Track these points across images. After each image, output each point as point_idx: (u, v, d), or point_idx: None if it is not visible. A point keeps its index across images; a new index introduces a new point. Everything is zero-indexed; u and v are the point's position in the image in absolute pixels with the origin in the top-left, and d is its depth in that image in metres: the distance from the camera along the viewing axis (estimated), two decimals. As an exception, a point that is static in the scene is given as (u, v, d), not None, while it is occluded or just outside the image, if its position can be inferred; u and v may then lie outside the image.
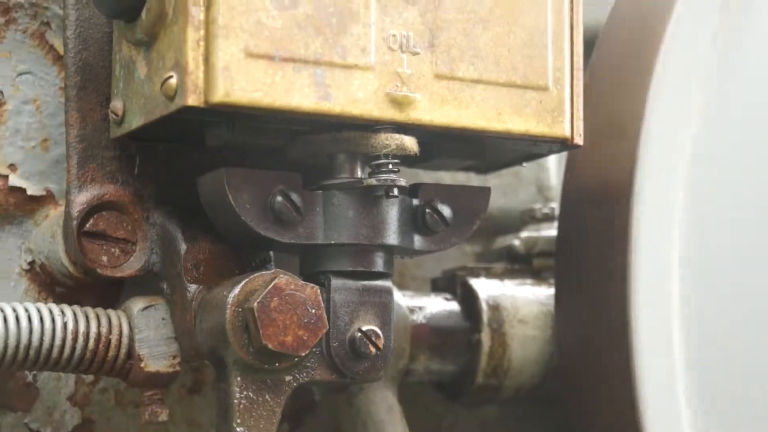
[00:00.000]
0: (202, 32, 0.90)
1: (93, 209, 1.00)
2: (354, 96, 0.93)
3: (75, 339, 0.96)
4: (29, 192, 1.05)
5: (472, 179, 1.14)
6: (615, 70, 1.10)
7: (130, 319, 1.00)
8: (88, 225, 1.00)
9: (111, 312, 0.99)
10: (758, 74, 1.09)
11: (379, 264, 1.00)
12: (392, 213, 1.00)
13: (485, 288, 1.16)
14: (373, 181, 0.97)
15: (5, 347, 0.93)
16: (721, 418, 1.07)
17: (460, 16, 0.97)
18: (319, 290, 0.94)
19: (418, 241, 1.02)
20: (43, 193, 1.05)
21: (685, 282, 1.05)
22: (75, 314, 0.97)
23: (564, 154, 1.10)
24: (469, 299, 1.16)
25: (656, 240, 1.04)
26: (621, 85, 1.08)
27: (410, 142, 0.97)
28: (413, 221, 1.01)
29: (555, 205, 1.24)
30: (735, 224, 1.08)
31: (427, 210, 1.01)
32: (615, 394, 1.05)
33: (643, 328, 1.03)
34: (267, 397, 0.96)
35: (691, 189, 1.06)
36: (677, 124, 1.05)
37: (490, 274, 1.19)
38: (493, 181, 1.13)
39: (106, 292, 1.03)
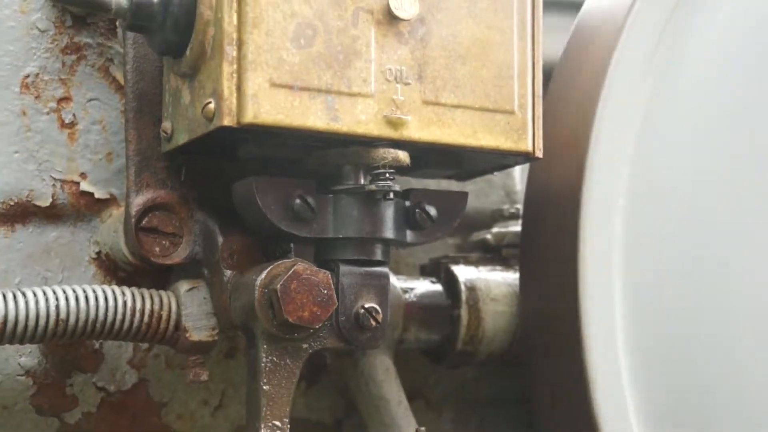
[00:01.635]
0: (234, 66, 0.90)
1: (147, 209, 1.00)
2: (358, 118, 0.93)
3: (133, 314, 0.96)
4: (96, 195, 1.04)
5: (453, 185, 1.14)
6: (568, 97, 1.09)
7: (178, 298, 1.00)
8: (143, 222, 1.00)
9: (162, 292, 0.99)
10: (686, 98, 1.08)
11: (378, 254, 1.00)
12: (389, 212, 0.99)
13: (463, 273, 1.16)
14: (373, 187, 0.97)
15: (77, 321, 0.93)
16: (653, 364, 1.06)
17: (442, 53, 0.96)
18: (329, 275, 0.94)
19: (409, 235, 1.01)
20: (108, 196, 1.05)
21: (624, 266, 1.04)
22: (133, 294, 0.97)
23: (527, 165, 1.09)
24: (450, 282, 1.16)
25: (600, 234, 1.04)
26: (573, 110, 1.08)
27: (403, 156, 0.97)
28: (406, 219, 1.01)
29: (519, 206, 1.24)
30: (665, 221, 1.07)
31: (417, 210, 1.01)
32: (566, 355, 1.05)
33: (589, 303, 1.02)
34: (288, 360, 0.96)
35: (630, 193, 1.05)
36: (617, 142, 1.05)
37: (467, 261, 1.19)
38: (469, 186, 1.14)
39: (159, 277, 1.03)
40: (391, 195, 0.97)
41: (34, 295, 0.93)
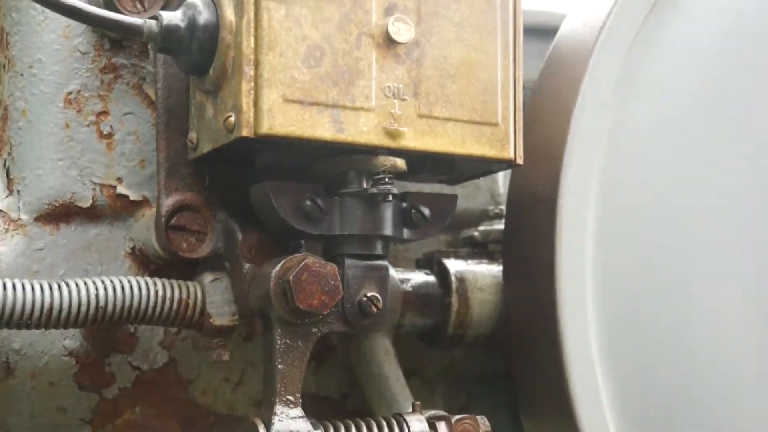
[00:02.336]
0: (252, 84, 0.90)
1: (176, 210, 1.01)
2: (360, 129, 0.93)
3: (163, 302, 0.97)
4: (131, 198, 1.05)
5: (445, 189, 1.13)
6: (545, 111, 1.09)
7: (203, 288, 1.00)
8: (172, 221, 1.00)
9: (189, 283, 1.00)
10: (648, 116, 1.08)
11: (379, 249, 1.00)
12: (388, 213, 0.99)
13: (454, 265, 1.16)
14: (374, 191, 0.97)
15: (114, 308, 0.94)
16: (620, 338, 1.06)
17: (435, 72, 0.96)
18: (336, 267, 0.94)
19: (406, 232, 1.02)
20: (141, 198, 1.05)
21: (593, 259, 1.04)
22: (163, 284, 0.98)
23: (509, 171, 1.09)
24: (442, 273, 1.16)
25: (574, 231, 1.04)
26: (550, 123, 1.08)
27: (401, 163, 0.97)
28: (403, 218, 1.01)
29: (503, 207, 1.24)
30: (634, 221, 1.07)
31: (412, 211, 1.01)
32: (544, 336, 1.05)
33: (564, 291, 1.03)
34: (299, 343, 0.96)
35: (600, 197, 1.05)
36: (589, 153, 1.05)
37: (457, 255, 1.19)
38: (459, 190, 1.13)
39: (186, 269, 1.03)
40: (390, 197, 0.98)
41: (77, 285, 0.93)
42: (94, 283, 0.94)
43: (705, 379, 1.07)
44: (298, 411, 0.95)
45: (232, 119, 0.91)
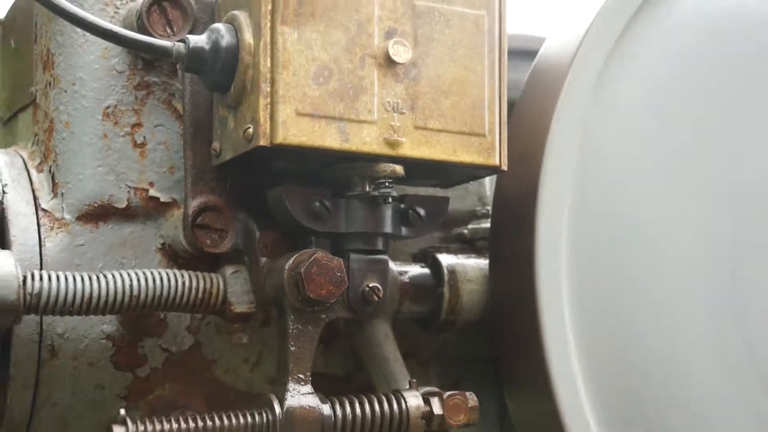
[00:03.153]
0: (268, 100, 0.90)
1: (201, 210, 1.01)
2: (364, 140, 0.94)
3: (189, 292, 0.97)
4: (161, 200, 1.04)
5: (438, 192, 1.12)
6: (527, 124, 1.09)
7: (224, 279, 1.00)
8: (198, 220, 1.00)
9: (212, 275, 1.00)
10: (615, 129, 1.08)
11: (380, 245, 1.00)
12: (388, 213, 1.00)
13: (446, 259, 1.14)
14: (376, 193, 0.98)
15: (146, 296, 0.94)
16: (590, 317, 1.05)
17: (430, 89, 0.97)
18: (342, 261, 0.94)
19: (404, 230, 1.02)
20: (170, 200, 1.05)
21: (568, 254, 1.04)
22: (190, 276, 0.98)
23: (495, 176, 1.10)
24: (436, 266, 1.15)
25: (550, 230, 1.03)
26: (530, 134, 1.07)
27: (399, 169, 0.98)
28: (401, 218, 1.02)
29: (489, 208, 1.23)
30: (604, 220, 1.06)
31: (409, 211, 1.02)
32: (524, 321, 1.04)
33: (542, 280, 1.02)
34: (309, 327, 0.96)
35: (572, 198, 1.05)
36: (564, 160, 1.04)
37: (449, 251, 1.18)
38: (450, 192, 1.11)
39: (210, 262, 1.03)
40: (390, 199, 0.98)
41: (113, 277, 0.93)
42: (129, 274, 0.94)
43: (667, 360, 1.07)
44: (308, 388, 0.95)
45: (251, 130, 0.91)
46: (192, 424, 0.92)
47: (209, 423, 0.92)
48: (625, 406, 1.05)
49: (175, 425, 0.92)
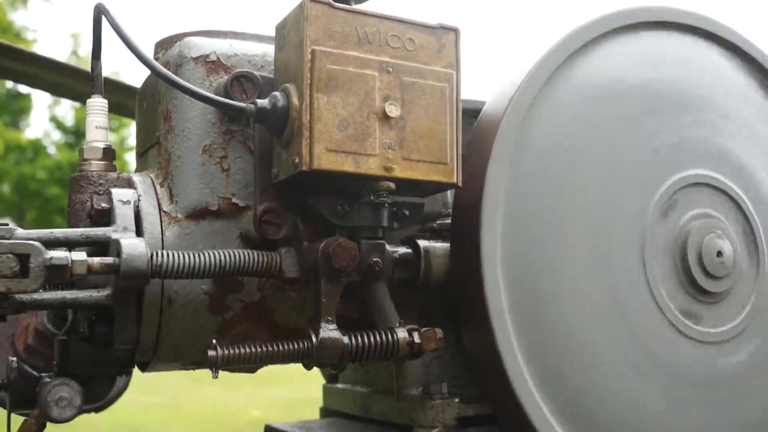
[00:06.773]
0: (308, 141, 0.90)
1: (265, 212, 0.99)
2: (369, 166, 0.93)
3: (258, 264, 0.95)
4: (240, 205, 1.02)
5: (417, 199, 1.10)
6: (474, 157, 1.07)
7: (280, 256, 0.98)
8: (263, 218, 0.99)
9: (272, 253, 0.98)
10: (533, 161, 1.06)
11: (380, 234, 0.99)
12: (385, 213, 0.99)
13: (422, 243, 1.11)
14: (377, 201, 0.97)
15: (229, 266, 0.93)
16: (517, 280, 1.02)
17: (412, 134, 0.95)
18: (356, 244, 0.94)
19: (395, 224, 1.01)
20: (245, 205, 1.02)
21: (501, 240, 1.02)
22: (258, 254, 0.96)
23: (454, 190, 1.08)
24: (416, 248, 1.13)
25: (490, 224, 1.02)
26: (476, 164, 1.06)
27: (392, 185, 0.96)
28: (393, 216, 1.01)
29: (450, 210, 1.20)
30: (527, 219, 1.04)
31: (399, 212, 1.01)
32: (472, 281, 1.02)
33: (485, 256, 1.01)
34: (335, 287, 0.96)
35: (505, 203, 1.03)
36: (498, 180, 1.03)
37: (424, 237, 1.15)
38: (425, 200, 1.09)
39: (271, 245, 1.00)
40: (386, 204, 0.98)
41: (209, 254, 0.93)
42: (219, 253, 0.93)
43: (562, 295, 1.03)
44: (334, 326, 0.95)
45: (297, 160, 0.91)
46: (259, 349, 0.92)
47: (270, 348, 0.92)
48: (537, 329, 1.03)
49: (248, 350, 0.92)
